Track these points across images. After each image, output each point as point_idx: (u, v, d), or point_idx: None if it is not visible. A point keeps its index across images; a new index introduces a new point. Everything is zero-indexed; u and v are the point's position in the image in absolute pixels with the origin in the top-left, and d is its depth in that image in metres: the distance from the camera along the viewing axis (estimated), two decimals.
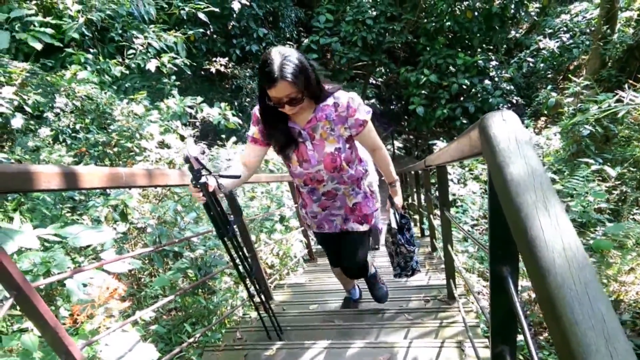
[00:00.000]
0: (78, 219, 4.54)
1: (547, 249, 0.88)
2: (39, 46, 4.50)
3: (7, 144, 5.48)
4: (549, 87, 11.59)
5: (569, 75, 11.55)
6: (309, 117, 2.57)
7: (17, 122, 4.83)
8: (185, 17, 8.87)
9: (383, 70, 19.48)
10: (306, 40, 15.72)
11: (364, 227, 3.08)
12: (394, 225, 3.25)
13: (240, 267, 2.88)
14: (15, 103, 4.88)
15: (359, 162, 2.89)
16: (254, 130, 2.69)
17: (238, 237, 2.89)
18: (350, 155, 2.73)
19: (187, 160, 2.16)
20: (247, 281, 3.04)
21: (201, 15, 8.19)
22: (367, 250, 3.29)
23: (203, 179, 2.23)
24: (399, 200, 3.16)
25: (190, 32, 7.70)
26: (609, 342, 0.73)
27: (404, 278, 3.49)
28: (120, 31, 7.53)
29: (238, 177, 2.48)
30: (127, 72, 7.23)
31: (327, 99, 2.54)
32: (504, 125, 1.25)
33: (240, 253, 2.80)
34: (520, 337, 2.71)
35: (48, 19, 5.38)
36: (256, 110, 2.65)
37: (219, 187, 2.37)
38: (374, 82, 20.40)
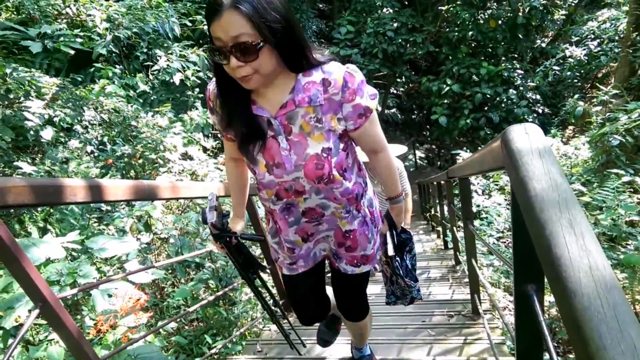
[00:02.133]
0: (104, 229, 4.61)
1: (573, 268, 0.86)
2: (71, 51, 4.58)
3: (37, 156, 5.58)
4: (576, 96, 11.42)
5: (597, 84, 11.38)
6: (284, 98, 1.70)
7: (47, 134, 4.92)
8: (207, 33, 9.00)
9: (404, 80, 19.42)
10: (327, 52, 15.72)
11: (362, 269, 2.24)
12: (390, 250, 2.36)
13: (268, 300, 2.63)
14: (46, 117, 4.97)
15: (358, 170, 2.03)
16: (213, 120, 1.95)
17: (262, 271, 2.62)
18: (346, 159, 1.87)
19: (205, 221, 1.97)
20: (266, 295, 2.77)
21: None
22: (366, 286, 2.51)
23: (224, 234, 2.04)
24: (399, 220, 2.34)
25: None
26: None
27: (398, 305, 2.72)
28: (145, 49, 7.65)
29: (262, 239, 2.27)
30: (151, 89, 7.33)
31: (312, 72, 1.69)
32: (527, 139, 1.23)
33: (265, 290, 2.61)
34: (547, 357, 2.65)
35: (77, 31, 5.48)
36: (210, 84, 1.86)
37: (240, 246, 2.15)
38: (394, 91, 20.33)
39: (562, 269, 0.87)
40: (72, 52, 4.90)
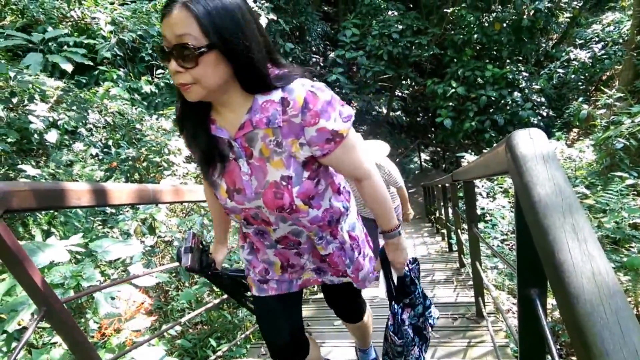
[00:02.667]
0: (109, 232, 4.62)
1: (576, 273, 0.86)
2: (69, 68, 4.59)
3: (42, 159, 5.60)
4: (581, 98, 11.41)
5: (601, 87, 11.36)
6: (241, 119, 1.52)
7: (52, 137, 4.94)
8: None
9: (409, 83, 19.43)
10: (332, 54, 15.77)
11: (349, 280, 2.03)
12: (381, 292, 2.04)
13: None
14: (50, 120, 4.98)
15: (335, 194, 1.80)
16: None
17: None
18: (315, 187, 1.65)
19: (180, 263, 1.86)
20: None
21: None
22: (362, 301, 2.37)
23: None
24: (399, 258, 1.93)
25: None
26: None
27: None
28: (150, 51, 7.66)
29: (243, 275, 2.00)
30: (157, 90, 7.34)
31: (271, 91, 1.49)
32: (532, 144, 1.23)
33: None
34: None
35: (81, 39, 5.50)
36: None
37: (225, 280, 2.08)
38: (399, 94, 20.33)
39: (565, 274, 0.87)
40: (71, 67, 4.89)
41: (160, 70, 7.52)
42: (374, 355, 2.90)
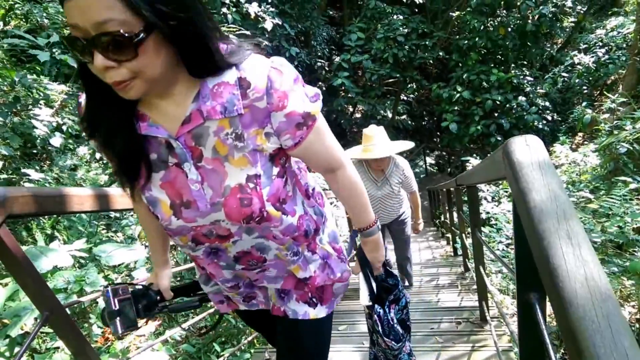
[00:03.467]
0: (113, 237, 4.64)
1: (570, 278, 0.87)
2: (76, 64, 4.64)
3: (46, 163, 5.63)
4: (585, 103, 11.39)
5: (605, 92, 11.34)
6: (186, 109, 1.19)
7: (56, 141, 4.96)
8: None
9: (414, 87, 19.42)
10: (337, 59, 15.79)
11: (318, 312, 1.62)
12: (364, 298, 1.79)
13: None
14: (54, 124, 5.01)
15: (305, 197, 1.53)
16: (93, 144, 1.33)
17: None
18: (284, 187, 1.36)
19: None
20: None
21: (233, 38, 8.34)
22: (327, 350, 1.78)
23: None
24: (376, 257, 1.73)
25: None
26: None
27: None
28: None
29: (197, 305, 1.70)
30: None
31: (223, 71, 1.18)
32: (528, 151, 1.24)
33: None
34: None
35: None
36: (82, 95, 1.27)
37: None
38: (405, 98, 20.33)
39: (559, 279, 0.88)
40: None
41: None
42: None
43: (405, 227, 5.09)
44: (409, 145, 4.67)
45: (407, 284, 5.38)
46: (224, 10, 10.19)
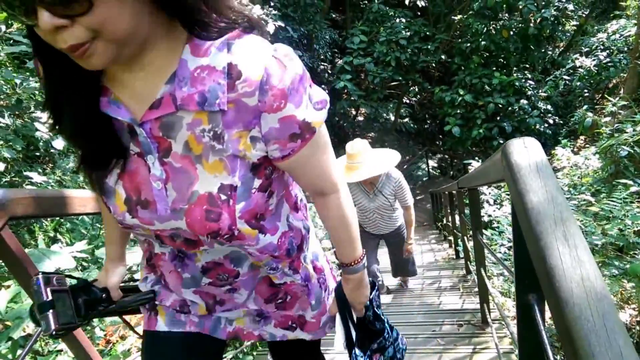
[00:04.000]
0: None
1: (566, 278, 0.87)
2: None
3: (48, 166, 5.64)
4: (586, 106, 11.39)
5: (607, 95, 11.35)
6: (156, 91, 0.95)
7: (59, 144, 4.97)
8: None
9: (417, 90, 19.43)
10: (340, 61, 15.81)
11: (298, 334, 1.46)
12: (338, 343, 1.45)
13: None
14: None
15: (292, 210, 1.30)
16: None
17: None
18: (267, 201, 1.13)
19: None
20: None
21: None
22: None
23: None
24: (358, 298, 1.41)
25: None
26: None
27: None
28: None
29: (151, 297, 1.32)
30: None
31: (210, 50, 0.93)
32: (526, 153, 1.24)
33: None
34: None
35: None
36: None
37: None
38: (407, 101, 20.34)
39: (556, 279, 0.89)
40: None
41: None
42: None
43: (397, 239, 4.93)
44: (395, 159, 4.24)
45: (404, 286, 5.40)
46: None
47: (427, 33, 16.12)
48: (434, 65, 16.98)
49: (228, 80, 0.91)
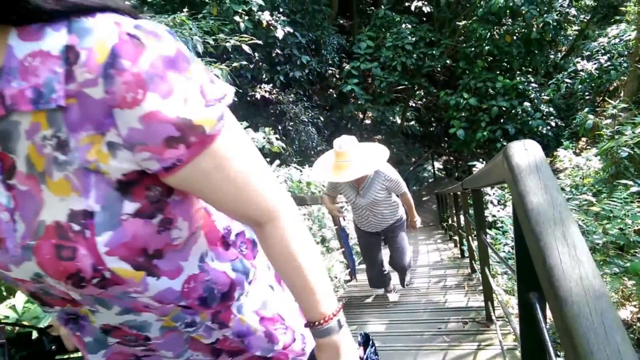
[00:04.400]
0: None
1: (565, 278, 0.88)
2: None
3: None
4: (586, 109, 11.36)
5: (607, 98, 11.30)
6: None
7: None
8: (230, 49, 9.11)
9: (422, 94, 19.38)
10: (347, 66, 15.80)
11: None
12: None
13: None
14: None
15: (223, 247, 0.98)
16: None
17: None
18: (156, 235, 0.79)
19: None
20: None
21: (245, 48, 8.38)
22: None
23: None
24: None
25: (235, 64, 7.89)
26: None
27: None
28: None
29: None
30: None
31: (44, 30, 0.66)
32: (526, 155, 1.25)
33: None
34: None
35: None
36: None
37: None
38: (413, 104, 20.29)
39: (555, 278, 0.89)
40: None
41: None
42: None
43: (398, 234, 4.61)
44: (384, 155, 3.91)
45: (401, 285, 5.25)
46: (237, 18, 10.24)
47: (433, 39, 16.09)
48: (439, 69, 16.93)
49: (65, 67, 0.65)
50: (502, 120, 15.15)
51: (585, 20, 16.40)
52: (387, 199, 4.25)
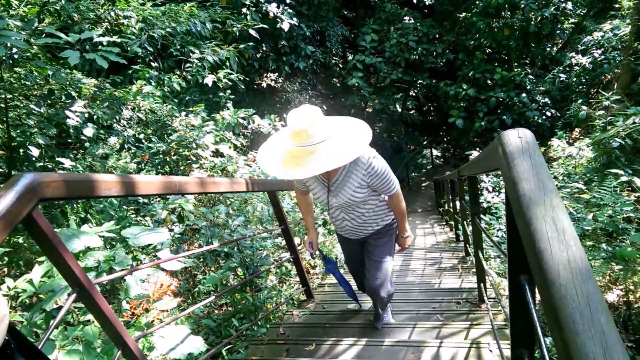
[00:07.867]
0: (141, 220, 4.68)
1: (553, 260, 0.88)
2: (105, 65, 4.62)
3: (80, 152, 5.69)
4: (580, 100, 11.31)
5: (600, 90, 11.23)
6: None
7: (89, 131, 5.00)
8: (238, 35, 9.08)
9: (424, 83, 19.35)
10: (351, 57, 15.71)
11: None
12: None
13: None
14: (86, 115, 5.05)
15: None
16: None
17: None
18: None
19: None
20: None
21: (252, 32, 8.36)
22: None
23: None
24: None
25: (242, 46, 7.90)
26: (606, 352, 0.72)
27: None
28: (178, 46, 7.70)
29: None
30: (185, 85, 7.39)
31: None
32: (519, 143, 1.24)
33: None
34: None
35: (115, 38, 5.53)
36: None
37: None
38: (413, 94, 20.24)
39: (544, 261, 0.89)
40: (107, 64, 4.91)
41: (188, 65, 7.56)
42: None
43: (379, 243, 3.05)
44: (365, 136, 2.44)
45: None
46: (244, 10, 10.20)
47: (435, 35, 16.00)
48: (441, 64, 16.85)
49: None
50: (499, 111, 15.14)
51: (581, 14, 16.24)
52: (371, 199, 2.80)
